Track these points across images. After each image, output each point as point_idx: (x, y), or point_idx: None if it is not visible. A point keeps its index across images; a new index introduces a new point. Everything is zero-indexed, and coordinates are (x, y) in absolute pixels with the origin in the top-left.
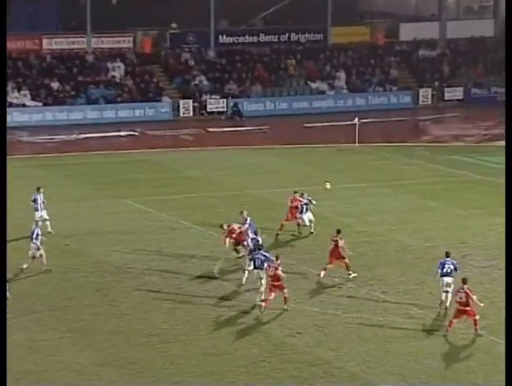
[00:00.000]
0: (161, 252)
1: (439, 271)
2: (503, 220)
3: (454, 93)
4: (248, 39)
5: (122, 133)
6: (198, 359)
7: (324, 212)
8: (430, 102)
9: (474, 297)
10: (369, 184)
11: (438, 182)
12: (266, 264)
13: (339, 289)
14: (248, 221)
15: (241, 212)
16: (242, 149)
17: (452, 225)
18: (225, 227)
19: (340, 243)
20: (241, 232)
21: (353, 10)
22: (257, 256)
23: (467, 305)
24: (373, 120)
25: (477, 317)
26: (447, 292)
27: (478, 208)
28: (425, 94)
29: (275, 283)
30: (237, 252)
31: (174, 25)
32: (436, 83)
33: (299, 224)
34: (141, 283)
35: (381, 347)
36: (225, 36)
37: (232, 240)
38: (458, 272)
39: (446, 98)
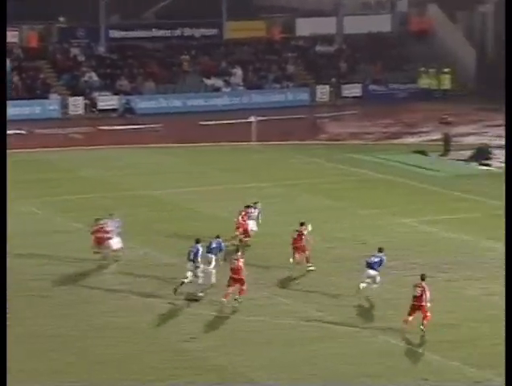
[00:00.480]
0: (52, 255)
1: (365, 262)
2: (404, 220)
3: (352, 90)
4: (140, 33)
5: (9, 132)
6: (90, 367)
7: (221, 213)
8: (328, 99)
9: (428, 295)
10: (267, 184)
11: (337, 181)
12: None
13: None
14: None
15: None
16: (136, 148)
17: (352, 225)
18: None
19: (305, 235)
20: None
21: (248, 5)
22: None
23: (422, 300)
24: (271, 117)
25: (429, 314)
26: (368, 283)
27: (378, 208)
28: (323, 91)
29: (235, 276)
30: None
31: (62, 19)
32: (334, 79)
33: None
34: (28, 288)
35: (284, 350)
36: (115, 31)
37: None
38: (381, 267)
39: (344, 95)
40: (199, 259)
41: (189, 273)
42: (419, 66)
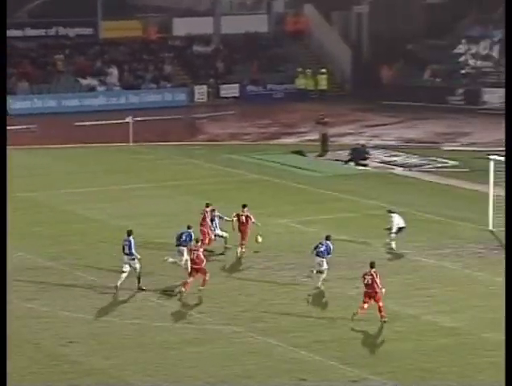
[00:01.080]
0: None
1: (314, 250)
2: (280, 220)
3: (230, 90)
4: (12, 32)
5: None
6: None
7: (98, 215)
8: (206, 99)
9: (378, 281)
10: (146, 185)
11: (215, 182)
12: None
13: (114, 294)
14: None
15: None
16: (11, 149)
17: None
18: None
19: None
20: None
21: (124, 4)
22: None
23: (373, 288)
24: (148, 118)
25: (381, 303)
26: (319, 272)
27: (254, 208)
28: (200, 91)
29: (196, 266)
30: None
31: None
32: (212, 80)
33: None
34: None
35: (159, 354)
36: None
37: None
38: (330, 255)
39: (222, 95)
40: (133, 251)
41: (126, 266)
42: (296, 66)
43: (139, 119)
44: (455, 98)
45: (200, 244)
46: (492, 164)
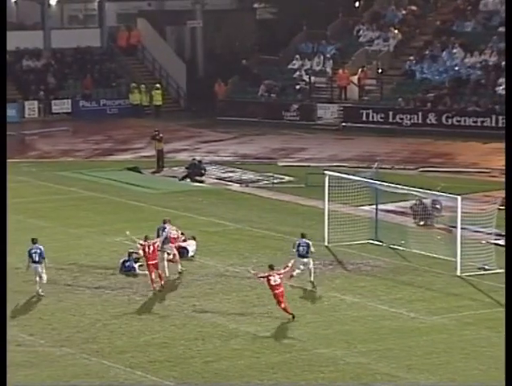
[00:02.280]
0: None
1: (296, 252)
2: (115, 238)
3: (62, 106)
4: None
5: None
6: None
7: None
8: (37, 115)
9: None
10: None
11: (47, 200)
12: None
13: None
14: None
15: None
16: None
17: (62, 245)
18: None
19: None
20: None
21: None
22: None
23: (280, 287)
24: None
25: (286, 303)
26: (302, 270)
27: (89, 226)
28: (31, 107)
29: (153, 262)
30: None
31: None
32: (43, 95)
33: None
34: None
35: None
36: None
37: None
38: (312, 250)
39: (54, 111)
40: (43, 258)
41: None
42: (129, 81)
43: None
44: (290, 114)
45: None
46: (327, 179)
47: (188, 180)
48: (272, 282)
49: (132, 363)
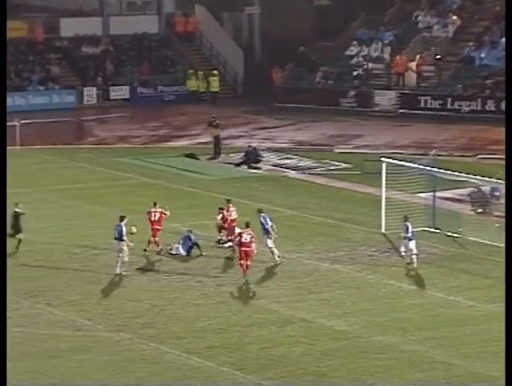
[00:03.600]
0: None
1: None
2: (171, 224)
3: (119, 92)
4: None
5: None
6: None
7: None
8: (95, 102)
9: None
10: (32, 189)
11: (104, 186)
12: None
13: None
14: None
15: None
16: None
17: None
18: None
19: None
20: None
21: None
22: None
23: (250, 246)
24: (35, 121)
25: (249, 262)
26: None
27: (145, 213)
28: (89, 93)
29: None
30: None
31: None
32: (101, 81)
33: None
34: None
35: (46, 362)
36: None
37: None
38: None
39: (111, 97)
40: (124, 236)
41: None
42: (186, 68)
43: (26, 122)
44: (347, 100)
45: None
46: (384, 166)
47: (245, 167)
48: (243, 239)
49: (188, 348)
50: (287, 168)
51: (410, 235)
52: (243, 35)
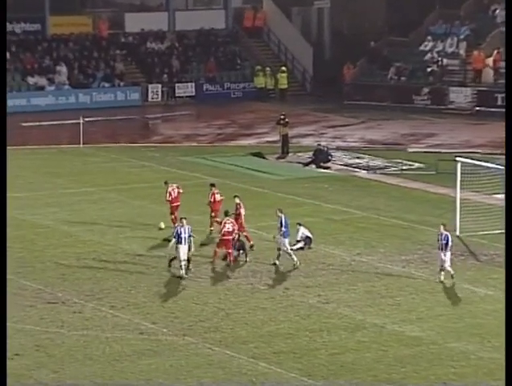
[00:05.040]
0: None
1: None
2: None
3: (185, 89)
4: None
5: None
6: None
7: (45, 221)
8: (160, 99)
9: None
10: (95, 189)
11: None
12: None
13: (63, 304)
14: None
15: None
16: None
17: None
18: None
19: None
20: None
21: None
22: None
23: (232, 235)
24: (99, 118)
25: (230, 250)
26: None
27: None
28: (154, 90)
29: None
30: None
31: None
32: (166, 78)
33: None
34: None
35: (110, 366)
36: None
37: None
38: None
39: (177, 94)
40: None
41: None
42: (254, 64)
43: (90, 119)
44: (420, 98)
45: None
46: (459, 166)
47: (314, 166)
48: (225, 229)
49: (255, 353)
50: (358, 168)
51: (449, 244)
52: (312, 30)
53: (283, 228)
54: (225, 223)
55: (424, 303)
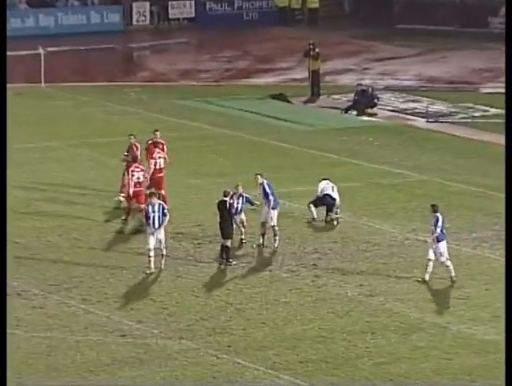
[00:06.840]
0: None
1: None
2: (250, 193)
3: (182, 9)
4: None
5: None
6: None
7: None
8: (148, 22)
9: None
10: (61, 143)
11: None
12: None
13: (18, 296)
14: None
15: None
16: None
17: (181, 202)
18: None
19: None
20: None
21: None
22: None
23: (142, 186)
24: (66, 48)
25: (143, 206)
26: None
27: (217, 176)
28: (141, 10)
29: None
30: None
31: None
32: None
33: None
34: None
35: (82, 380)
36: None
37: None
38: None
39: (171, 17)
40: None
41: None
42: None
43: (54, 49)
44: (498, 20)
45: None
46: None
47: (354, 113)
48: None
49: (276, 363)
50: (414, 115)
51: (438, 233)
52: None
53: (270, 197)
54: (135, 172)
55: (501, 296)
